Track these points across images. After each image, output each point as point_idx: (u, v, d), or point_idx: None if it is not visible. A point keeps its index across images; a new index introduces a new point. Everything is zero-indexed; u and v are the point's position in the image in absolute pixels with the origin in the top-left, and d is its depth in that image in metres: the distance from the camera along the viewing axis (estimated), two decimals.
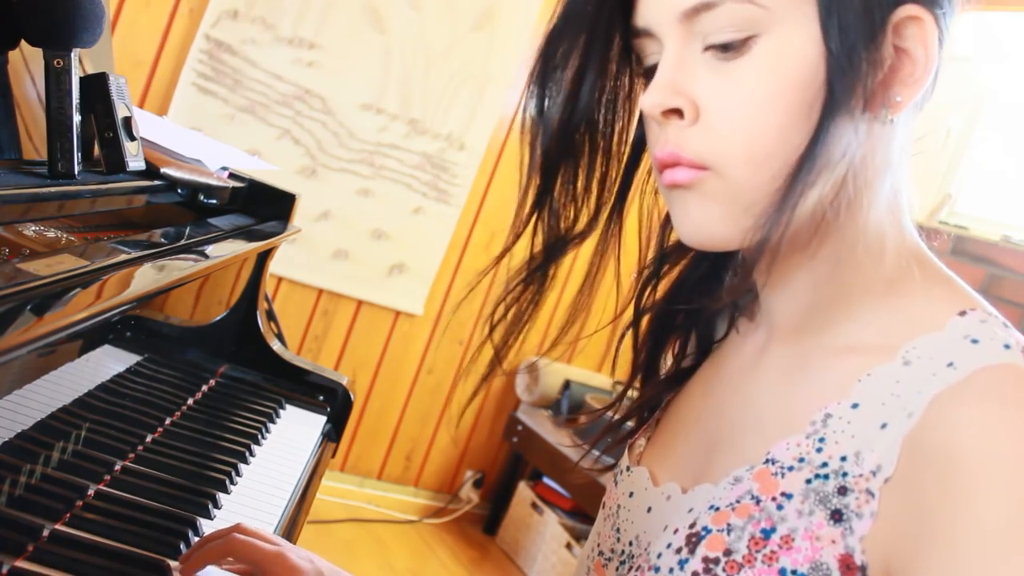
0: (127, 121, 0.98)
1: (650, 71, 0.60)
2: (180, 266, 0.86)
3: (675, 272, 0.74)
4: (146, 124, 1.17)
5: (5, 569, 0.67)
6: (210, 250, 0.98)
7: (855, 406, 0.56)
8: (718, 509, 0.58)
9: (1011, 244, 2.39)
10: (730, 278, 0.72)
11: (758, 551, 0.55)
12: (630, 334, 0.76)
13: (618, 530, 0.70)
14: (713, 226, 0.58)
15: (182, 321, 1.08)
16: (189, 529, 0.82)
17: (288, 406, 1.28)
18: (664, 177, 0.59)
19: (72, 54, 0.84)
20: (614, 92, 0.66)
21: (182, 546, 0.79)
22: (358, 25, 2.56)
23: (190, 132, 1.58)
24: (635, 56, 0.64)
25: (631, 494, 0.70)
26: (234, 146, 1.56)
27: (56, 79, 0.84)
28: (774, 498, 0.56)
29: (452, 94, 2.74)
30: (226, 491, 0.95)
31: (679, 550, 0.58)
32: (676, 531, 0.60)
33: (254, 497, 0.98)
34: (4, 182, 0.77)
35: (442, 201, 2.81)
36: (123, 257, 0.76)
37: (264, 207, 1.33)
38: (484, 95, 2.77)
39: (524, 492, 2.95)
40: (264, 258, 1.30)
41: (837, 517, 0.53)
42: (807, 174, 0.53)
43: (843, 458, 0.55)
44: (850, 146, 0.54)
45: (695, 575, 0.56)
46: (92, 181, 0.91)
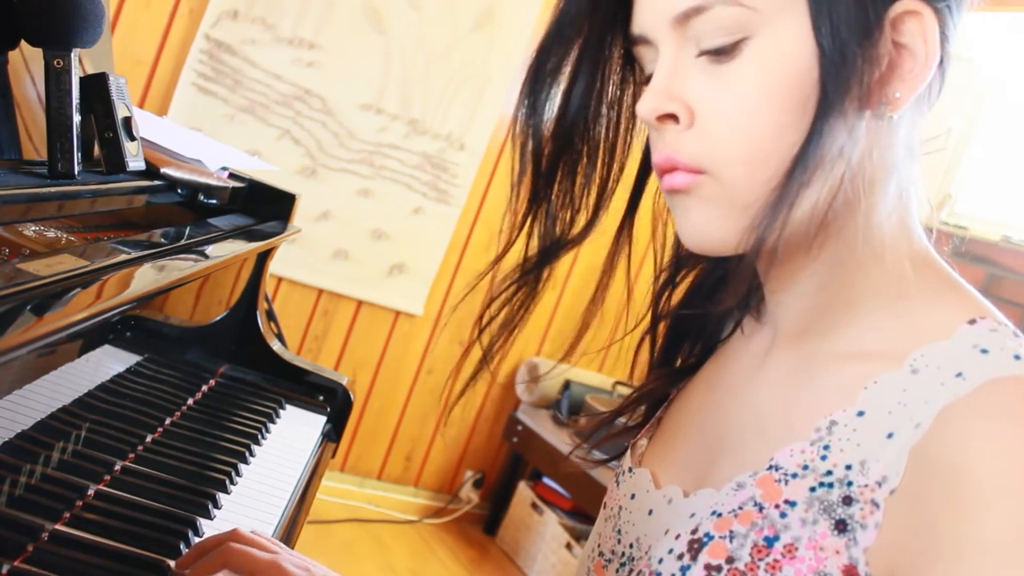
0: (127, 121, 0.98)
1: (651, 79, 0.61)
2: (180, 266, 0.86)
3: (691, 277, 0.74)
4: (146, 124, 1.17)
5: (5, 569, 0.67)
6: (210, 250, 0.98)
7: (861, 414, 0.56)
8: (720, 515, 0.58)
9: (1011, 244, 2.39)
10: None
11: (761, 559, 0.54)
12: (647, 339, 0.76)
13: (619, 532, 0.70)
14: (713, 230, 0.58)
15: (182, 321, 1.08)
16: (189, 529, 0.82)
17: (288, 406, 1.28)
18: (663, 182, 0.60)
19: (72, 54, 0.84)
20: (615, 100, 0.67)
21: (182, 546, 0.79)
22: (358, 25, 2.56)
23: (190, 132, 1.58)
24: (636, 65, 0.64)
25: (633, 496, 0.70)
26: (234, 146, 1.56)
27: (56, 79, 0.84)
28: (777, 505, 0.56)
29: (452, 94, 2.74)
30: (226, 491, 0.95)
31: (681, 556, 0.58)
32: (678, 536, 0.59)
33: (254, 497, 0.98)
34: (4, 182, 0.77)
35: (442, 201, 2.81)
36: (123, 257, 0.76)
37: (264, 207, 1.33)
38: (484, 95, 2.77)
39: (524, 492, 2.95)
40: (264, 258, 1.30)
41: (841, 527, 0.53)
42: (801, 173, 0.53)
43: (848, 467, 0.54)
44: (847, 144, 0.54)
45: None
46: (92, 181, 0.91)
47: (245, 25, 2.43)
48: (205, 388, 1.19)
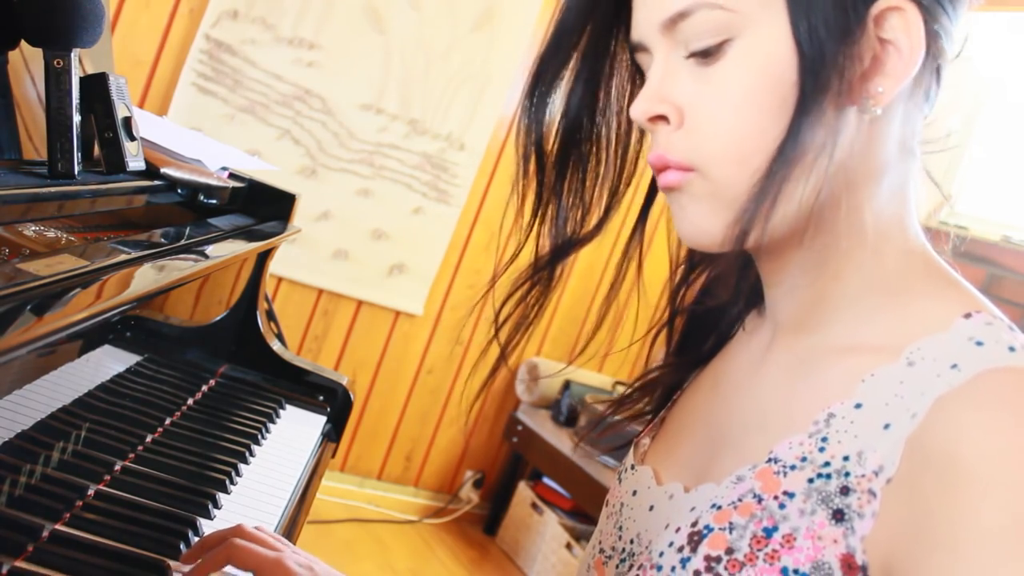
0: (127, 121, 0.98)
1: None
2: (180, 266, 0.86)
3: (706, 273, 0.76)
4: (146, 124, 1.17)
5: (5, 569, 0.67)
6: (210, 250, 0.98)
7: (858, 406, 0.56)
8: (720, 508, 0.58)
9: (1011, 244, 2.39)
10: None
11: (760, 550, 0.55)
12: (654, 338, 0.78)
13: (620, 528, 0.70)
14: (703, 225, 0.59)
15: (182, 321, 1.08)
16: (189, 529, 0.82)
17: (288, 406, 1.28)
18: (658, 181, 0.61)
19: (72, 54, 0.84)
20: (623, 104, 0.70)
21: (182, 546, 0.79)
22: (358, 25, 2.56)
23: (190, 132, 1.58)
24: (638, 70, 0.67)
25: (634, 492, 0.70)
26: (234, 146, 1.56)
27: (56, 79, 0.84)
28: (776, 497, 0.56)
29: (452, 94, 2.74)
30: (226, 491, 0.95)
31: (681, 548, 0.58)
32: (678, 530, 0.60)
33: (254, 497, 0.98)
34: (4, 182, 0.77)
35: (442, 201, 2.81)
36: (123, 257, 0.76)
37: (264, 207, 1.33)
38: (484, 95, 2.77)
39: (524, 492, 2.95)
40: (264, 258, 1.30)
41: (839, 517, 0.53)
42: (781, 168, 0.54)
43: (846, 458, 0.55)
44: (827, 140, 0.55)
45: (697, 573, 0.56)
46: (92, 181, 0.91)
47: (245, 25, 2.43)
48: (205, 388, 1.19)
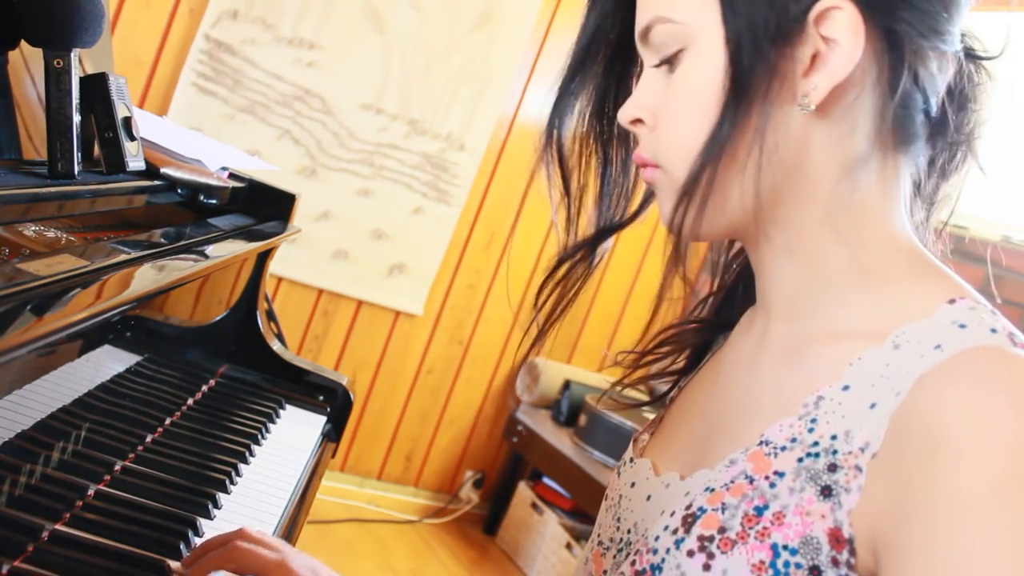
0: (127, 121, 0.98)
1: None
2: (180, 266, 0.86)
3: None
4: (146, 124, 1.17)
5: (5, 569, 0.67)
6: (210, 250, 0.98)
7: (846, 388, 0.58)
8: (713, 490, 0.60)
9: (1011, 244, 2.39)
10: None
11: (751, 528, 0.56)
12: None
13: (618, 519, 0.72)
14: (666, 214, 0.65)
15: (182, 321, 1.08)
16: (189, 529, 0.82)
17: (288, 406, 1.28)
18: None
19: (72, 54, 0.84)
20: None
21: (182, 546, 0.79)
22: (358, 25, 2.56)
23: (190, 132, 1.58)
24: None
25: (633, 484, 0.72)
26: (234, 146, 1.56)
27: (56, 79, 0.84)
28: (767, 477, 0.58)
29: (452, 94, 2.74)
30: (226, 491, 0.95)
31: (675, 531, 0.60)
32: (673, 514, 0.62)
33: (254, 497, 0.98)
34: (4, 182, 0.77)
35: (442, 201, 2.81)
36: (123, 257, 0.76)
37: (264, 207, 1.33)
38: (484, 95, 2.77)
39: (524, 492, 2.95)
40: (264, 258, 1.30)
41: (827, 492, 0.55)
42: (707, 160, 0.60)
43: (833, 437, 0.57)
44: (758, 135, 0.59)
45: (690, 552, 0.58)
46: (92, 181, 0.91)
47: (245, 25, 2.43)
48: (205, 388, 1.19)
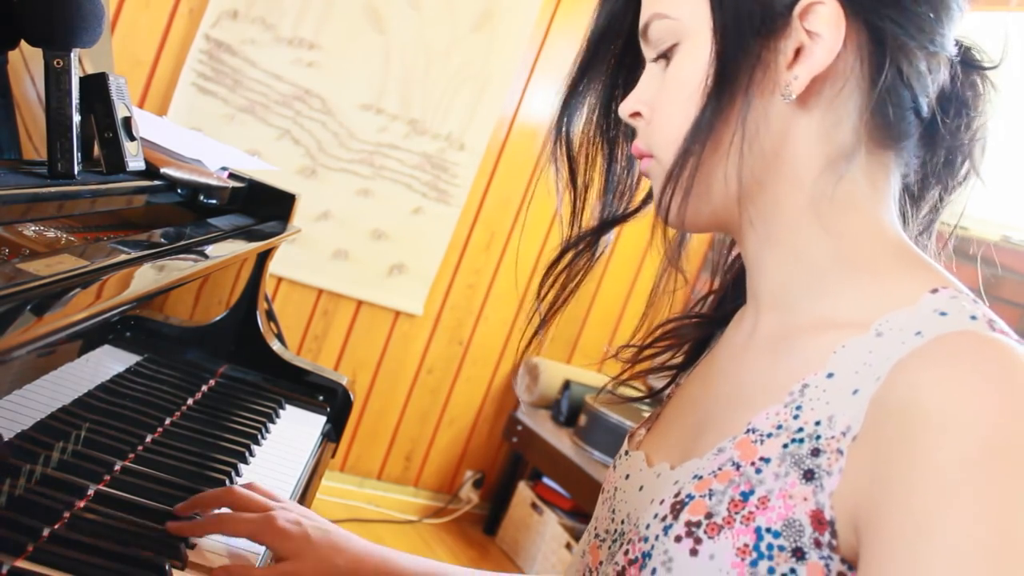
0: (127, 121, 0.98)
1: None
2: (180, 266, 0.86)
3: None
4: (146, 124, 1.17)
5: (5, 569, 0.67)
6: (210, 250, 0.98)
7: (830, 376, 0.59)
8: (701, 478, 0.61)
9: (1011, 244, 2.39)
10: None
11: (737, 512, 0.57)
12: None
13: (613, 511, 0.72)
14: (657, 201, 0.68)
15: (182, 321, 1.08)
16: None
17: (288, 406, 1.28)
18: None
19: (72, 54, 0.84)
20: None
21: (182, 546, 0.79)
22: (358, 25, 2.56)
23: (190, 132, 1.58)
24: None
25: (627, 476, 0.73)
26: (234, 146, 1.56)
27: (56, 79, 0.84)
28: (753, 463, 0.59)
29: (452, 94, 2.74)
30: None
31: (664, 518, 0.61)
32: (662, 502, 0.63)
33: None
34: (4, 182, 0.77)
35: (442, 201, 2.81)
36: (123, 257, 0.76)
37: (264, 207, 1.33)
38: (484, 95, 2.77)
39: (524, 492, 2.95)
40: (264, 258, 1.30)
41: (809, 476, 0.56)
42: (690, 146, 0.62)
43: (817, 423, 0.58)
44: (740, 123, 0.61)
45: (678, 538, 0.59)
46: (92, 181, 0.91)
47: (245, 25, 2.43)
48: (205, 388, 1.19)
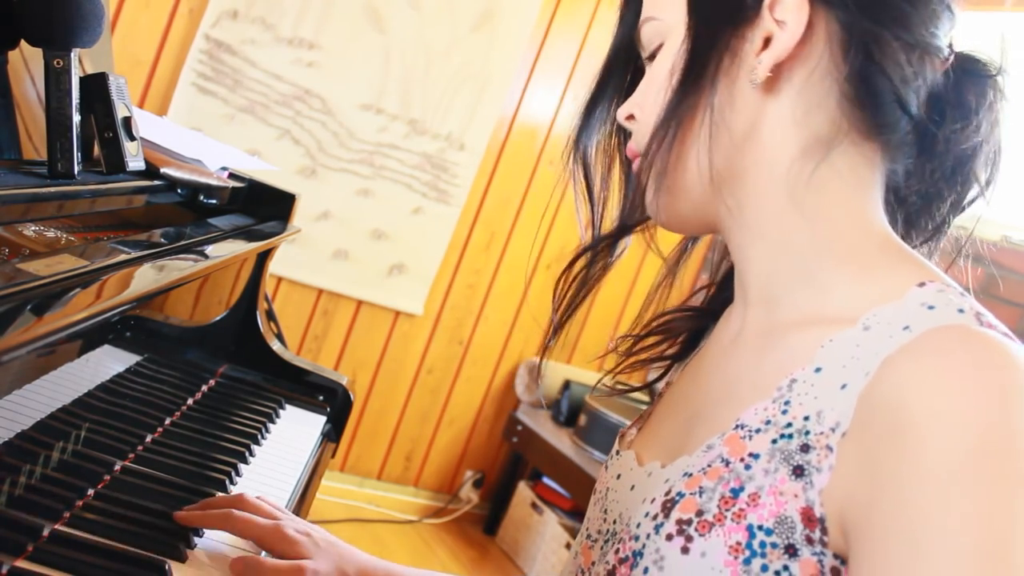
0: (127, 121, 0.98)
1: None
2: (180, 266, 0.86)
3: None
4: (146, 124, 1.17)
5: (5, 569, 0.67)
6: (210, 250, 0.98)
7: (818, 370, 0.59)
8: (691, 475, 0.61)
9: (1011, 244, 2.38)
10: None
11: (728, 509, 0.57)
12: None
13: (605, 511, 0.72)
14: (641, 196, 0.69)
15: (182, 321, 1.08)
16: (189, 529, 0.82)
17: (288, 406, 1.28)
18: None
19: (72, 54, 0.84)
20: None
21: (182, 546, 0.79)
22: (358, 25, 2.56)
23: (190, 132, 1.58)
24: None
25: (618, 476, 0.73)
26: (234, 146, 1.56)
27: (56, 79, 0.84)
28: (742, 459, 0.59)
29: (452, 94, 2.74)
30: (226, 491, 0.95)
31: (655, 516, 0.61)
32: (653, 500, 0.63)
33: None
34: (4, 182, 0.77)
35: (442, 201, 2.81)
36: (123, 257, 0.76)
37: (264, 207, 1.33)
38: (484, 95, 2.77)
39: (524, 492, 2.95)
40: (264, 258, 1.30)
41: (799, 472, 0.56)
42: (661, 130, 0.64)
43: (806, 418, 0.58)
44: (708, 108, 0.63)
45: (669, 536, 0.59)
46: (92, 181, 0.91)
47: (245, 25, 2.43)
48: (205, 388, 1.19)
